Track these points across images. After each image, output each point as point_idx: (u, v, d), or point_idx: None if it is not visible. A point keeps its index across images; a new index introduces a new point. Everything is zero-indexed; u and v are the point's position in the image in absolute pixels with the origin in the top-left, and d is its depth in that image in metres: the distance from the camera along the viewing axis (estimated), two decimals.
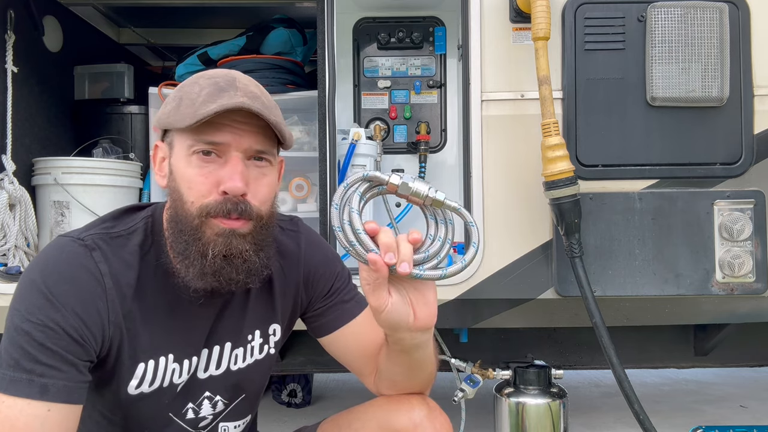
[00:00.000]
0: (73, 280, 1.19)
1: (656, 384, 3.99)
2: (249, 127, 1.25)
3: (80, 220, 2.65)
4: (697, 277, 2.28)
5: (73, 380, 1.17)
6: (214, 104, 1.20)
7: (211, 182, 1.23)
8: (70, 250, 1.23)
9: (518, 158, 2.34)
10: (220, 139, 1.23)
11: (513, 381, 2.58)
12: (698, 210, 2.29)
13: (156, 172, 1.35)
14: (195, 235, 1.23)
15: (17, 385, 1.12)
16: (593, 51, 2.31)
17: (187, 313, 1.34)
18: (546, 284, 2.34)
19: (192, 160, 1.24)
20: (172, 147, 1.28)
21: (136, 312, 1.28)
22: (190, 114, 1.21)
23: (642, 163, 2.30)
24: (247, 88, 1.26)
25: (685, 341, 2.97)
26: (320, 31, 2.43)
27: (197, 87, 1.25)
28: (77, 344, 1.17)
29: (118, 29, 3.87)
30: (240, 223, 1.24)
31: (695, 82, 2.25)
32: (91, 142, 3.05)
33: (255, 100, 1.23)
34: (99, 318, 1.21)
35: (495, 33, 2.35)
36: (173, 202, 1.28)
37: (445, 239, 1.19)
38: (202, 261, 1.23)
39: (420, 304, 1.19)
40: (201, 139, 1.23)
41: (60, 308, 1.16)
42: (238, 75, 1.29)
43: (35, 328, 1.14)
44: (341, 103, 2.89)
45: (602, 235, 2.28)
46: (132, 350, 1.28)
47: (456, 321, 2.49)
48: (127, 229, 1.32)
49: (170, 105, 1.27)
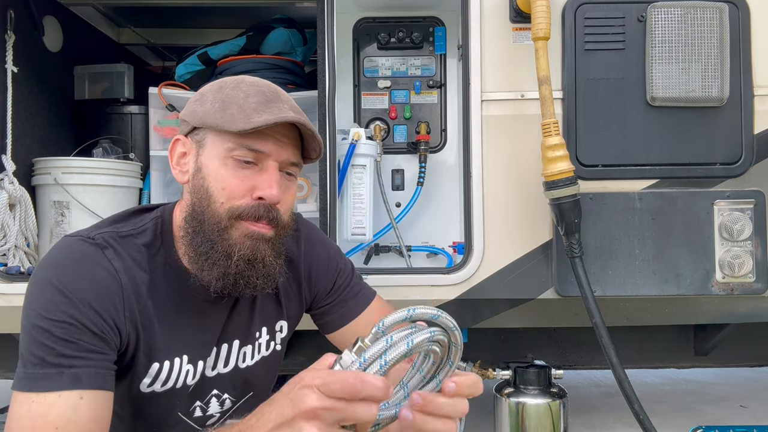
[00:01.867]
0: (88, 276, 1.19)
1: (656, 384, 3.99)
2: (288, 140, 1.29)
3: (80, 220, 2.65)
4: (697, 277, 2.28)
5: (103, 367, 1.17)
6: (266, 114, 1.23)
7: (247, 186, 1.25)
8: (82, 248, 1.23)
9: (518, 158, 2.34)
10: (264, 148, 1.25)
11: (513, 381, 2.58)
12: (698, 210, 2.29)
13: (173, 166, 1.35)
14: (222, 235, 1.25)
15: (48, 381, 1.11)
16: (593, 51, 2.31)
17: (201, 313, 1.35)
18: (546, 284, 2.34)
19: (228, 162, 1.25)
20: (202, 145, 1.29)
21: (151, 309, 1.28)
22: (242, 119, 1.22)
23: (642, 163, 2.30)
24: (290, 102, 1.31)
25: (685, 341, 2.97)
26: (320, 31, 2.43)
27: (241, 92, 1.27)
28: (98, 338, 1.17)
29: (118, 29, 3.87)
30: (267, 228, 1.27)
31: (695, 82, 2.25)
32: (91, 142, 3.05)
33: (301, 116, 1.28)
34: (116, 313, 1.21)
35: (495, 33, 2.35)
36: (197, 200, 1.27)
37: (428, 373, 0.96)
38: (226, 262, 1.25)
39: None
40: (245, 145, 1.24)
41: (77, 304, 1.16)
42: (277, 87, 1.33)
43: (54, 325, 1.14)
44: (341, 103, 2.89)
45: (602, 235, 2.28)
46: (147, 348, 1.28)
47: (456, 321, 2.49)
48: (137, 228, 1.32)
49: (211, 104, 1.28)
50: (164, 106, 2.97)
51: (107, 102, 3.25)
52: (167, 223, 1.35)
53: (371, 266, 2.83)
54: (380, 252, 2.84)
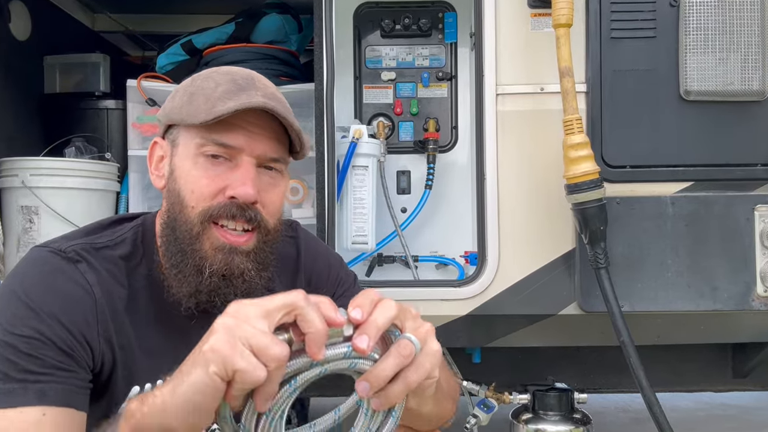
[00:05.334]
0: (57, 291, 1.20)
1: (690, 409, 3.98)
2: (264, 132, 1.27)
3: (51, 227, 2.66)
4: (736, 290, 2.28)
5: (72, 384, 1.17)
6: (231, 101, 1.21)
7: (218, 185, 1.25)
8: (53, 261, 1.23)
9: (537, 158, 2.35)
10: (233, 141, 1.24)
11: (531, 406, 2.58)
12: (737, 216, 2.29)
13: (152, 171, 1.37)
14: (192, 245, 1.24)
15: (11, 396, 1.12)
16: (620, 39, 2.32)
17: (183, 331, 1.33)
18: (568, 298, 2.34)
19: (199, 160, 1.25)
20: (176, 145, 1.30)
21: (130, 328, 1.28)
22: (205, 110, 1.22)
23: (675, 163, 2.31)
24: (267, 89, 1.29)
25: (722, 362, 2.96)
26: (317, 18, 2.44)
27: (212, 82, 1.27)
28: (66, 354, 1.18)
29: (93, 15, 3.89)
30: (244, 239, 1.25)
31: (734, 73, 2.25)
32: (63, 141, 3.05)
33: (276, 102, 1.25)
34: (88, 329, 1.21)
35: (512, 19, 2.36)
36: (171, 205, 1.28)
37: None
38: (197, 278, 1.24)
39: None
40: (212, 139, 1.24)
41: (44, 318, 1.17)
42: (256, 74, 1.32)
43: (20, 341, 1.15)
44: (341, 98, 2.89)
45: (631, 244, 2.28)
46: (126, 371, 1.29)
47: (468, 340, 2.49)
48: (114, 239, 1.32)
49: (180, 98, 1.29)
50: (144, 101, 2.97)
51: (80, 96, 3.26)
52: (149, 233, 1.35)
53: (374, 278, 2.82)
54: (384, 262, 2.84)
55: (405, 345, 0.95)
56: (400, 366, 0.95)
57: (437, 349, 1.00)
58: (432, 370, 0.99)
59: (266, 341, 0.89)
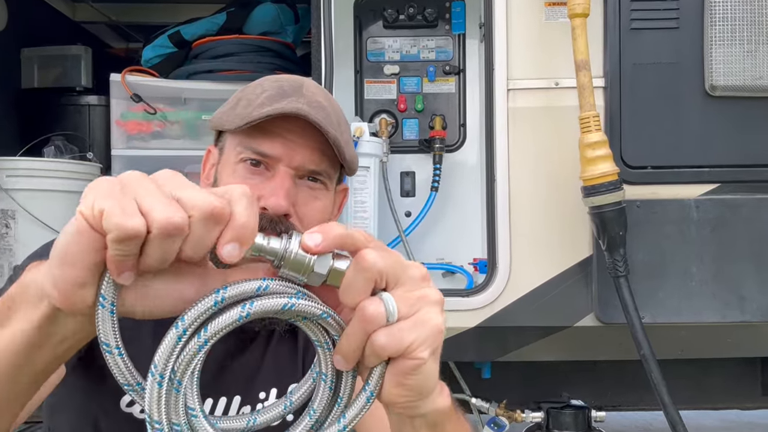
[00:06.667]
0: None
1: (716, 428, 3.98)
2: (305, 141, 1.26)
3: (29, 232, 2.65)
4: (766, 300, 2.28)
5: None
6: (269, 107, 1.22)
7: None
8: None
9: (551, 158, 2.34)
10: (270, 150, 1.25)
11: (546, 424, 2.58)
12: (766, 220, 2.29)
13: (202, 180, 1.38)
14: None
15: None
16: (641, 30, 2.32)
17: None
18: (585, 309, 2.34)
19: (238, 168, 1.26)
20: (222, 152, 1.32)
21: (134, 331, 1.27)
22: (243, 115, 1.23)
23: (699, 164, 2.31)
24: (314, 96, 1.28)
25: (750, 377, 2.96)
26: (315, 7, 2.44)
27: (260, 88, 1.28)
28: None
29: (74, 5, 3.90)
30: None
31: (763, 67, 2.25)
32: (42, 140, 3.06)
33: (318, 111, 1.24)
34: None
35: (524, 9, 2.36)
36: None
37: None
38: None
39: None
40: (249, 147, 1.25)
41: None
42: (309, 81, 1.32)
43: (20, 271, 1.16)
44: (340, 93, 2.89)
45: (652, 251, 2.28)
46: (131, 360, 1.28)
47: (477, 353, 2.49)
48: None
49: (228, 104, 1.31)
50: (128, 97, 2.98)
51: (60, 91, 3.27)
52: None
53: None
54: None
55: (369, 303, 0.74)
56: (364, 330, 0.74)
57: (434, 324, 0.76)
58: (416, 345, 0.75)
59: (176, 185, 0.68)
